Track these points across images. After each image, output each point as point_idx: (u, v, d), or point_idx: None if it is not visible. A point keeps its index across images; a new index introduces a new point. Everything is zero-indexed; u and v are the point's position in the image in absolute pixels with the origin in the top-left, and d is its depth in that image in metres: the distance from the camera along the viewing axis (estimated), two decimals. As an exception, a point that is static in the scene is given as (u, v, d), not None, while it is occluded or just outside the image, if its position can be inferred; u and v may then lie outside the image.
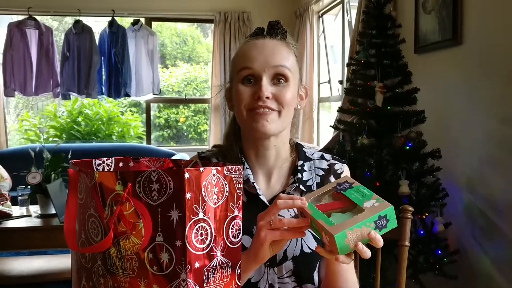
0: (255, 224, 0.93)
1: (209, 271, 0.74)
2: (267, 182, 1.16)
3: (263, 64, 1.07)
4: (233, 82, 1.13)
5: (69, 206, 0.80)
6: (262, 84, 1.06)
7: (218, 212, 0.75)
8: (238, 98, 1.09)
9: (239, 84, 1.09)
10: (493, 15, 2.32)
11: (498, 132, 2.29)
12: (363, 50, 2.67)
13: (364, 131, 2.48)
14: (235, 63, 1.13)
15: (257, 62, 1.07)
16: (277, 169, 1.16)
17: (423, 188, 2.42)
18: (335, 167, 1.19)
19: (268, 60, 1.07)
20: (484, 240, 2.40)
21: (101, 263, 0.75)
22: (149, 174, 0.71)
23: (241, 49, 1.14)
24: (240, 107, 1.09)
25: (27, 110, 7.04)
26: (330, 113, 4.94)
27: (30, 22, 4.97)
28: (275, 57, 1.08)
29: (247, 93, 1.07)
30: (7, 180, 3.47)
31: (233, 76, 1.13)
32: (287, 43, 1.13)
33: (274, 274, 1.09)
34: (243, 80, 1.09)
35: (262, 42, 1.11)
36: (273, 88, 1.07)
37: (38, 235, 2.87)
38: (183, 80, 6.68)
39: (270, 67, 1.07)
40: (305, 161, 1.18)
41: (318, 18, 4.93)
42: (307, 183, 1.15)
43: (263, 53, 1.08)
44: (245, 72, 1.08)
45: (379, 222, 0.83)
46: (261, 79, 1.07)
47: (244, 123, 1.10)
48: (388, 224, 0.84)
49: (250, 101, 1.07)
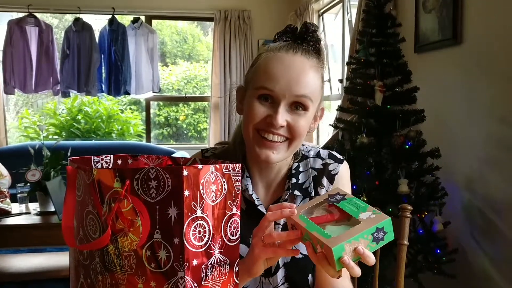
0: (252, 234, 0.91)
1: (207, 268, 0.74)
2: (267, 189, 1.13)
3: (285, 89, 0.97)
4: (248, 90, 1.05)
5: (67, 203, 0.80)
6: (278, 111, 0.98)
7: (216, 210, 0.75)
8: (249, 114, 1.00)
9: (254, 99, 1.00)
10: (493, 15, 2.32)
11: (497, 131, 2.29)
12: (363, 49, 2.67)
13: (363, 130, 2.48)
14: (256, 74, 1.02)
15: (279, 85, 0.97)
16: (276, 178, 1.13)
17: (422, 187, 2.42)
18: (329, 168, 1.13)
19: (291, 86, 0.98)
20: (483, 239, 2.40)
21: (99, 260, 0.75)
22: (147, 172, 0.71)
23: (265, 60, 1.02)
24: (248, 124, 1.01)
25: (27, 107, 7.03)
26: (330, 112, 4.94)
27: (30, 20, 4.96)
28: (299, 85, 0.98)
29: (261, 112, 0.99)
30: (7, 178, 3.48)
31: (250, 84, 1.04)
32: (317, 65, 1.03)
33: (269, 284, 1.08)
34: (259, 97, 1.00)
35: (289, 59, 1.00)
36: (289, 116, 0.99)
37: (37, 232, 2.87)
38: (183, 78, 6.68)
39: (291, 94, 0.98)
40: (300, 161, 1.14)
41: (318, 17, 4.93)
42: (304, 185, 1.12)
43: (287, 75, 0.98)
44: (263, 92, 0.99)
45: (376, 235, 0.80)
46: (279, 104, 0.98)
47: (249, 143, 1.03)
48: (385, 236, 0.81)
49: (260, 122, 1.00)
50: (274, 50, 1.03)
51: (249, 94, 1.03)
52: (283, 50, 1.02)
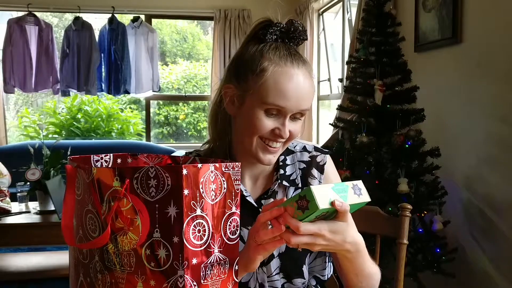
0: (243, 226, 0.93)
1: (207, 267, 0.74)
2: (254, 181, 1.16)
3: (294, 106, 1.03)
4: (249, 97, 1.05)
5: (67, 202, 0.80)
6: (285, 123, 1.05)
7: (215, 209, 0.75)
8: (255, 125, 1.05)
9: (260, 111, 1.04)
10: (493, 14, 2.32)
11: (497, 130, 2.29)
12: (363, 48, 2.67)
13: (363, 129, 2.48)
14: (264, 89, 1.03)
15: (290, 102, 1.03)
16: (262, 169, 1.16)
17: (422, 186, 2.42)
18: (317, 159, 1.19)
19: (300, 102, 1.04)
20: (483, 238, 2.40)
21: (98, 259, 0.75)
22: (147, 171, 0.71)
23: (274, 76, 1.03)
24: (252, 135, 1.06)
25: (26, 106, 7.03)
26: (329, 111, 4.94)
27: (29, 19, 4.95)
28: (306, 100, 1.05)
29: (267, 125, 1.04)
30: (6, 177, 3.47)
31: (255, 94, 1.04)
32: (310, 70, 1.08)
33: (263, 274, 1.10)
34: (267, 110, 1.04)
35: (297, 76, 1.04)
36: (290, 124, 1.07)
37: (37, 231, 2.87)
38: (183, 78, 6.67)
39: (298, 110, 1.05)
40: (287, 155, 1.18)
41: (318, 16, 4.93)
42: (291, 177, 1.16)
43: (297, 93, 1.03)
44: (274, 107, 1.03)
45: (300, 202, 0.82)
46: (286, 117, 1.05)
47: (249, 147, 1.07)
48: (309, 205, 0.82)
49: (267, 134, 1.05)
50: (279, 63, 1.04)
51: (253, 104, 1.04)
52: (288, 63, 1.05)
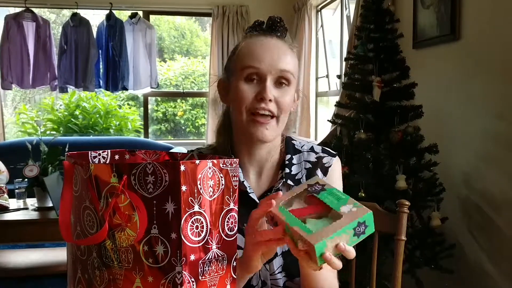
0: (246, 222, 0.92)
1: (205, 263, 0.74)
2: (258, 178, 1.16)
3: (270, 65, 1.06)
4: (232, 77, 1.11)
5: (65, 198, 0.80)
6: (266, 85, 1.06)
7: (213, 205, 0.75)
8: (239, 97, 1.07)
9: (241, 82, 1.07)
10: (491, 10, 2.32)
11: (495, 127, 2.29)
12: (361, 45, 2.67)
13: (361, 126, 2.48)
14: (239, 58, 1.10)
15: (264, 62, 1.06)
16: (267, 165, 1.16)
17: (420, 182, 2.42)
18: (323, 161, 1.18)
19: (275, 62, 1.07)
20: (480, 235, 2.41)
21: (96, 255, 0.75)
22: (145, 167, 0.71)
23: (247, 45, 1.10)
24: (240, 107, 1.07)
25: (24, 103, 7.02)
26: (328, 107, 4.94)
27: (27, 15, 4.93)
28: (282, 60, 1.07)
29: (249, 92, 1.06)
30: (4, 173, 3.46)
31: (234, 71, 1.10)
32: (291, 47, 1.12)
33: (266, 271, 1.10)
34: (246, 78, 1.07)
35: (269, 41, 1.09)
36: (275, 91, 1.07)
37: (35, 228, 2.87)
38: (181, 74, 6.66)
39: (276, 70, 1.07)
40: (294, 154, 1.18)
41: (317, 12, 4.92)
42: (296, 176, 1.15)
43: (270, 54, 1.07)
44: (250, 71, 1.07)
45: (358, 229, 0.79)
46: (265, 80, 1.06)
47: (242, 126, 1.09)
48: (366, 230, 0.80)
49: (252, 102, 1.06)
50: (252, 37, 1.12)
51: (235, 79, 1.10)
52: (260, 35, 1.11)
